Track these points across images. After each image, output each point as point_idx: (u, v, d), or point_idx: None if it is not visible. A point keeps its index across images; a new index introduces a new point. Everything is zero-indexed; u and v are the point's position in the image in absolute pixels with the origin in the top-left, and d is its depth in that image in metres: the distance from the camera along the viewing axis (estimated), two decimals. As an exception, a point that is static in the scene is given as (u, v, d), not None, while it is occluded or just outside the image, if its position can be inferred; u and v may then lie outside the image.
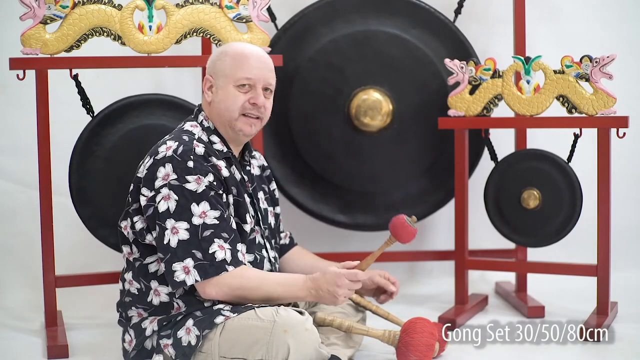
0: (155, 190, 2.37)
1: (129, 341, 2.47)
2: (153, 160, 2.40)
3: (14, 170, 3.66)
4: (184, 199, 2.33)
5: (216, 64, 2.54)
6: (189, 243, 2.32)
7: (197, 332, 2.33)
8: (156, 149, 2.44)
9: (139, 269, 2.45)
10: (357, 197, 3.62)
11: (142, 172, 2.43)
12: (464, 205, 3.30)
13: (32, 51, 2.93)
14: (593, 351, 2.85)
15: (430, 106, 3.48)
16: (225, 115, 2.51)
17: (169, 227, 2.33)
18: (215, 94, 2.53)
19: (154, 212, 2.36)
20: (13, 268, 3.62)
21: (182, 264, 2.32)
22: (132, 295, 2.48)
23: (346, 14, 3.50)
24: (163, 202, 2.34)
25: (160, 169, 2.37)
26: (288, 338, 2.26)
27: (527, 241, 3.30)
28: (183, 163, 2.36)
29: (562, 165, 3.17)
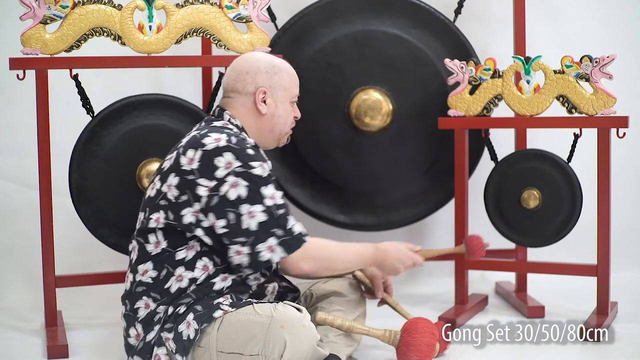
0: (217, 179, 2.37)
1: (136, 335, 2.45)
2: (203, 151, 2.40)
3: (14, 170, 3.66)
4: (253, 183, 2.38)
5: (273, 78, 2.59)
6: (268, 223, 2.38)
7: (196, 325, 2.34)
8: (198, 140, 2.42)
9: (166, 257, 2.43)
10: (357, 197, 3.62)
11: (190, 164, 2.40)
12: (464, 205, 3.30)
13: (32, 51, 2.93)
14: (593, 351, 2.85)
15: (430, 106, 3.48)
16: (280, 127, 2.63)
17: (245, 212, 2.37)
18: (275, 108, 2.60)
19: (222, 201, 2.37)
20: (13, 268, 3.62)
21: (265, 244, 2.38)
22: (145, 285, 2.45)
23: (346, 14, 3.50)
24: (232, 189, 2.37)
25: (219, 159, 2.38)
26: (285, 333, 2.28)
27: (527, 241, 3.30)
28: (243, 151, 2.41)
29: (562, 165, 3.17)
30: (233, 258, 2.40)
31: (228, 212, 2.37)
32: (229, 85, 2.61)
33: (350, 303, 2.74)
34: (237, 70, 2.61)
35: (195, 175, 2.39)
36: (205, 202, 2.38)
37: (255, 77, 2.58)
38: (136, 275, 2.47)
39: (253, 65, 2.59)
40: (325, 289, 2.76)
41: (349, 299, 2.74)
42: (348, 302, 2.73)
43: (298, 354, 2.28)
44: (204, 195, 2.38)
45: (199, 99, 3.55)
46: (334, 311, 2.67)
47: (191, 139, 2.46)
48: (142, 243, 2.48)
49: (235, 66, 2.63)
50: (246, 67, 2.60)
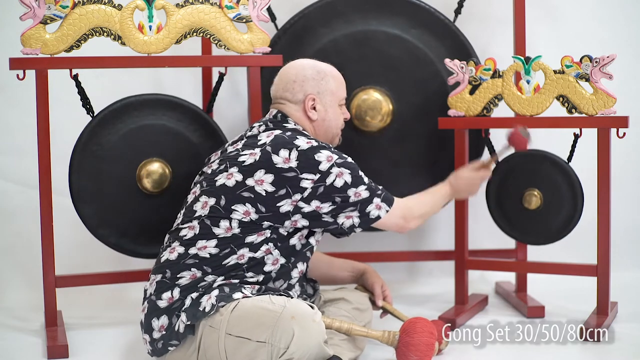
0: (321, 172, 2.54)
1: (169, 298, 2.49)
2: (299, 151, 2.54)
3: (14, 170, 3.66)
4: (353, 170, 2.60)
5: (320, 84, 2.72)
6: (370, 195, 2.63)
7: (214, 301, 2.39)
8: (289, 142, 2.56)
9: (234, 238, 2.52)
10: (357, 197, 3.62)
11: (288, 162, 2.53)
12: (464, 205, 3.30)
13: (32, 51, 2.93)
14: (593, 351, 2.85)
15: (430, 106, 3.48)
16: (333, 130, 2.77)
17: (352, 194, 2.58)
18: (325, 112, 2.73)
19: (329, 189, 2.55)
20: (13, 268, 3.62)
21: (373, 205, 2.62)
22: (199, 258, 2.51)
23: (346, 14, 3.50)
24: (338, 179, 2.56)
25: (319, 154, 2.55)
26: (294, 325, 2.29)
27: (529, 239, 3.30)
28: (331, 147, 2.63)
29: (563, 166, 3.17)
30: (345, 223, 2.60)
31: (335, 196, 2.56)
32: (277, 93, 2.74)
33: (357, 311, 2.78)
34: (284, 79, 2.73)
35: (297, 172, 2.53)
36: (309, 193, 2.53)
37: (303, 85, 2.71)
38: (190, 249, 2.52)
39: (300, 73, 2.72)
40: (334, 294, 2.81)
41: (356, 306, 2.78)
42: (355, 310, 2.77)
43: (304, 348, 2.29)
44: (308, 187, 2.53)
45: (199, 99, 3.55)
46: (340, 316, 2.69)
47: (279, 140, 2.57)
48: (209, 225, 2.53)
49: (282, 75, 2.75)
50: (293, 76, 2.72)
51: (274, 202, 2.53)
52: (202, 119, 3.14)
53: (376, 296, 2.90)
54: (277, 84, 2.75)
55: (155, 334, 2.47)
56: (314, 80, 2.71)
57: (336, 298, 2.80)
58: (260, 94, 3.18)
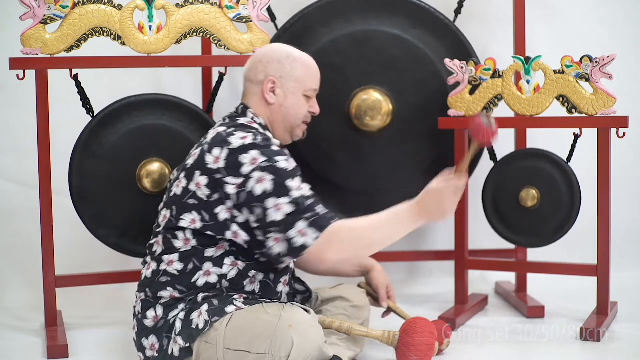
0: (244, 176, 2.37)
1: (154, 317, 2.45)
2: (229, 150, 2.40)
3: (14, 170, 3.66)
4: (279, 177, 2.36)
5: (286, 68, 2.59)
6: (296, 212, 2.34)
7: (207, 317, 2.35)
8: (224, 139, 2.42)
9: (193, 252, 2.44)
10: (357, 198, 3.62)
11: (217, 162, 2.40)
12: (464, 205, 3.30)
13: (32, 51, 2.93)
14: (593, 351, 2.85)
15: (430, 106, 3.48)
16: (291, 120, 2.62)
17: (272, 205, 2.34)
18: (284, 98, 2.59)
19: (249, 196, 2.36)
20: (13, 268, 3.62)
21: (296, 229, 2.33)
22: (170, 276, 2.45)
23: (346, 14, 3.50)
24: (258, 185, 2.35)
25: (244, 156, 2.38)
26: (292, 333, 2.27)
27: (524, 241, 3.29)
28: (267, 147, 2.41)
29: (562, 165, 3.17)
30: (273, 247, 2.37)
31: (255, 207, 2.36)
32: (245, 73, 2.64)
33: (355, 309, 2.75)
34: (253, 59, 2.63)
35: (222, 173, 2.39)
36: (235, 200, 2.38)
37: (267, 66, 2.58)
38: (160, 265, 2.47)
39: (267, 54, 2.61)
40: (331, 293, 2.78)
41: (354, 304, 2.75)
42: (353, 308, 2.74)
43: (304, 354, 2.28)
44: (232, 193, 2.38)
45: (199, 99, 3.55)
46: (338, 315, 2.68)
47: (217, 137, 2.46)
48: (170, 238, 2.47)
49: (253, 55, 2.66)
50: (260, 56, 2.61)
51: (211, 207, 2.42)
52: (202, 119, 3.14)
53: (380, 298, 2.85)
54: (247, 64, 2.65)
55: (148, 352, 2.44)
56: (279, 64, 2.58)
57: (333, 297, 2.76)
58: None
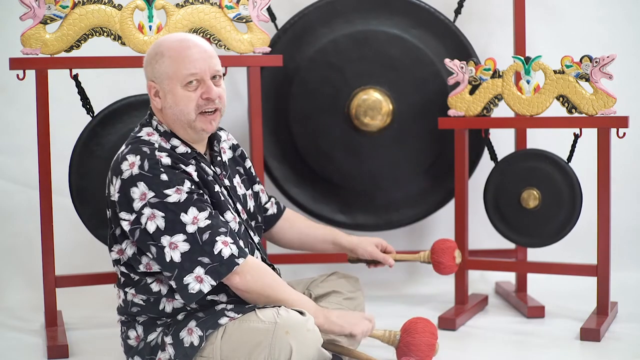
0: (136, 212, 2.27)
1: (136, 337, 2.43)
2: (121, 180, 2.29)
3: (14, 170, 3.66)
4: (170, 212, 2.26)
5: (155, 68, 2.39)
6: (192, 252, 2.26)
7: (200, 332, 2.31)
8: (118, 166, 2.32)
9: (143, 286, 2.40)
10: (357, 197, 3.62)
11: (114, 194, 2.33)
12: (464, 205, 3.30)
13: (32, 51, 2.93)
14: (593, 351, 2.85)
15: (430, 106, 3.48)
16: (182, 118, 2.38)
17: (166, 244, 2.26)
18: (164, 99, 2.39)
19: (143, 235, 2.27)
20: (13, 268, 3.62)
21: (192, 275, 2.26)
22: (139, 306, 2.42)
23: (346, 14, 3.50)
24: (150, 222, 2.26)
25: (134, 189, 2.27)
26: (290, 339, 2.25)
27: (526, 241, 3.30)
28: (156, 178, 2.27)
29: (562, 165, 3.17)
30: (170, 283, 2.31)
31: (150, 245, 2.28)
32: None
33: (349, 301, 2.73)
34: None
35: (118, 208, 2.32)
36: (132, 236, 2.30)
37: (146, 71, 2.43)
38: (127, 295, 2.44)
39: (145, 58, 2.43)
40: (323, 288, 2.75)
41: (347, 296, 2.73)
42: (347, 300, 2.72)
43: (304, 359, 2.26)
44: (128, 229, 2.30)
45: (199, 99, 3.55)
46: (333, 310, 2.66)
47: (115, 162, 2.35)
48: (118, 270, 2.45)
49: None
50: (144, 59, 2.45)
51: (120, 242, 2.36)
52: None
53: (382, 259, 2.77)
54: None
55: None
56: (150, 65, 2.40)
57: (327, 292, 2.72)
58: (260, 94, 3.18)
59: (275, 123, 3.55)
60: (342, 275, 2.82)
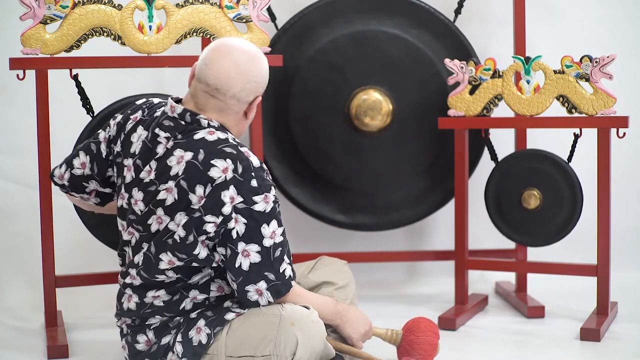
0: (223, 215, 2.26)
1: (146, 341, 2.40)
2: (212, 187, 2.26)
3: (14, 170, 3.66)
4: (253, 221, 2.27)
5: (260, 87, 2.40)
6: (261, 265, 2.28)
7: (208, 330, 2.32)
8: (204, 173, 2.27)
9: (178, 281, 2.37)
10: (357, 197, 3.62)
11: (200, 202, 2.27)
12: (464, 205, 3.30)
13: (32, 51, 2.93)
14: (593, 351, 2.85)
15: (430, 106, 3.48)
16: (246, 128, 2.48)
17: (240, 250, 2.27)
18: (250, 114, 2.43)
19: (224, 235, 2.28)
20: (13, 268, 3.62)
21: (255, 287, 2.29)
22: (156, 307, 2.39)
23: (346, 14, 3.50)
24: (235, 225, 2.27)
25: (224, 193, 2.26)
26: (296, 330, 2.26)
27: (527, 240, 3.30)
28: (246, 183, 2.27)
29: (563, 165, 3.17)
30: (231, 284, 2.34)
31: (227, 246, 2.29)
32: (229, 90, 2.35)
33: (340, 290, 2.68)
34: (245, 76, 2.36)
35: (202, 212, 2.28)
36: (213, 237, 2.29)
37: (259, 88, 2.40)
38: (144, 298, 2.39)
39: (261, 74, 2.39)
40: (313, 280, 2.67)
41: (338, 285, 2.68)
42: (338, 290, 2.68)
43: (310, 350, 2.28)
44: (212, 231, 2.28)
45: (199, 99, 3.54)
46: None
47: (193, 169, 2.28)
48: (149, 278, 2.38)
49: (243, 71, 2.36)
50: (255, 76, 2.38)
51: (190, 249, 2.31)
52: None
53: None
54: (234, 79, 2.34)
55: None
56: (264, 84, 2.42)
57: (317, 283, 2.67)
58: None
59: (275, 123, 3.55)
60: (329, 262, 2.76)
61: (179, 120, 2.37)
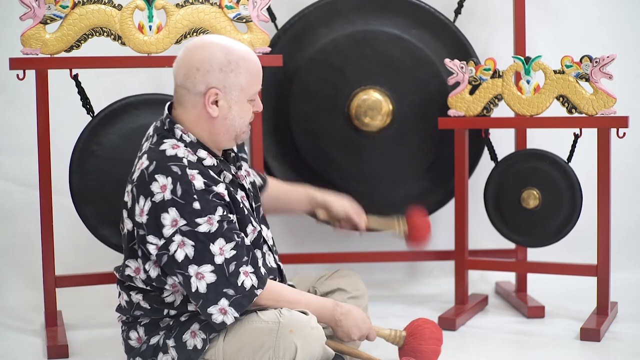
0: (165, 238, 2.24)
1: (137, 338, 2.42)
2: (151, 203, 2.24)
3: (14, 170, 3.66)
4: (200, 242, 2.24)
5: (228, 77, 2.32)
6: (218, 283, 2.25)
7: (204, 335, 2.30)
8: (147, 186, 2.25)
9: (154, 297, 2.38)
10: (357, 197, 3.61)
11: (141, 216, 2.27)
12: (464, 205, 3.30)
13: (32, 51, 2.93)
14: (593, 351, 2.85)
15: (430, 106, 3.48)
16: (236, 130, 2.38)
17: (193, 273, 2.24)
18: (227, 110, 2.34)
19: (171, 261, 2.25)
20: (13, 268, 3.62)
21: (217, 307, 2.25)
22: (142, 309, 2.40)
23: (346, 14, 3.50)
24: (179, 250, 2.24)
25: (164, 215, 2.23)
26: (295, 338, 2.25)
27: (527, 241, 3.30)
28: (188, 206, 2.23)
29: (562, 165, 3.17)
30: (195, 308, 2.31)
31: (177, 273, 2.26)
32: (177, 79, 2.35)
33: (353, 300, 2.71)
34: (187, 63, 2.33)
35: (145, 230, 2.27)
36: (159, 260, 2.28)
37: (207, 76, 2.30)
38: (131, 297, 2.41)
39: (206, 62, 2.30)
40: (329, 285, 2.72)
41: (352, 295, 2.71)
42: (351, 299, 2.71)
43: (309, 357, 2.26)
44: (156, 254, 2.27)
45: (199, 99, 3.55)
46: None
47: (140, 178, 2.27)
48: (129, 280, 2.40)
49: (186, 57, 2.34)
50: (197, 62, 2.31)
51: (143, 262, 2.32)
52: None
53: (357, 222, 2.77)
54: (179, 67, 2.34)
55: None
56: (221, 72, 2.30)
57: (332, 289, 2.70)
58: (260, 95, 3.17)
59: (275, 123, 3.55)
60: (346, 274, 2.80)
61: (163, 124, 2.39)
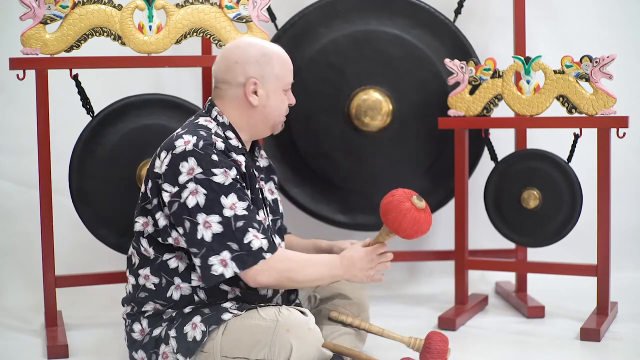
0: (179, 185, 2.32)
1: (140, 330, 2.45)
2: (172, 155, 2.36)
3: (14, 170, 3.66)
4: (212, 192, 2.31)
5: (265, 68, 2.49)
6: (224, 235, 2.30)
7: (204, 327, 2.33)
8: (172, 142, 2.39)
9: (159, 265, 2.42)
10: (357, 197, 3.62)
11: (160, 167, 2.38)
12: (464, 205, 3.30)
13: (32, 51, 2.93)
14: (593, 351, 2.85)
15: (430, 106, 3.48)
16: (275, 118, 2.54)
17: (201, 221, 2.30)
18: (267, 98, 2.50)
19: (181, 208, 2.32)
20: (13, 268, 3.62)
21: (218, 257, 2.29)
22: (148, 291, 2.44)
23: (346, 14, 3.50)
24: (191, 197, 2.31)
25: (183, 164, 2.33)
26: (291, 337, 2.27)
27: (527, 241, 3.30)
28: (207, 156, 2.33)
29: (562, 165, 3.17)
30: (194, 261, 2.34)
31: (185, 219, 2.32)
32: (218, 75, 2.53)
33: (354, 305, 2.73)
34: (227, 59, 2.52)
35: (162, 179, 2.36)
36: (169, 208, 2.35)
37: (246, 67, 2.48)
38: (139, 279, 2.46)
39: (243, 54, 2.50)
40: (329, 291, 2.75)
41: (352, 301, 2.72)
42: (352, 305, 2.72)
43: (304, 358, 2.28)
44: (168, 201, 2.35)
45: (199, 99, 3.55)
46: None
47: (168, 140, 2.42)
48: (137, 248, 2.47)
49: (225, 54, 2.53)
50: (236, 57, 2.50)
51: (153, 213, 2.40)
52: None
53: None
54: (219, 64, 2.53)
55: None
56: (257, 64, 2.48)
57: (332, 294, 2.72)
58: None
59: (275, 123, 3.55)
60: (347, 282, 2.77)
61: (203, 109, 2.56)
